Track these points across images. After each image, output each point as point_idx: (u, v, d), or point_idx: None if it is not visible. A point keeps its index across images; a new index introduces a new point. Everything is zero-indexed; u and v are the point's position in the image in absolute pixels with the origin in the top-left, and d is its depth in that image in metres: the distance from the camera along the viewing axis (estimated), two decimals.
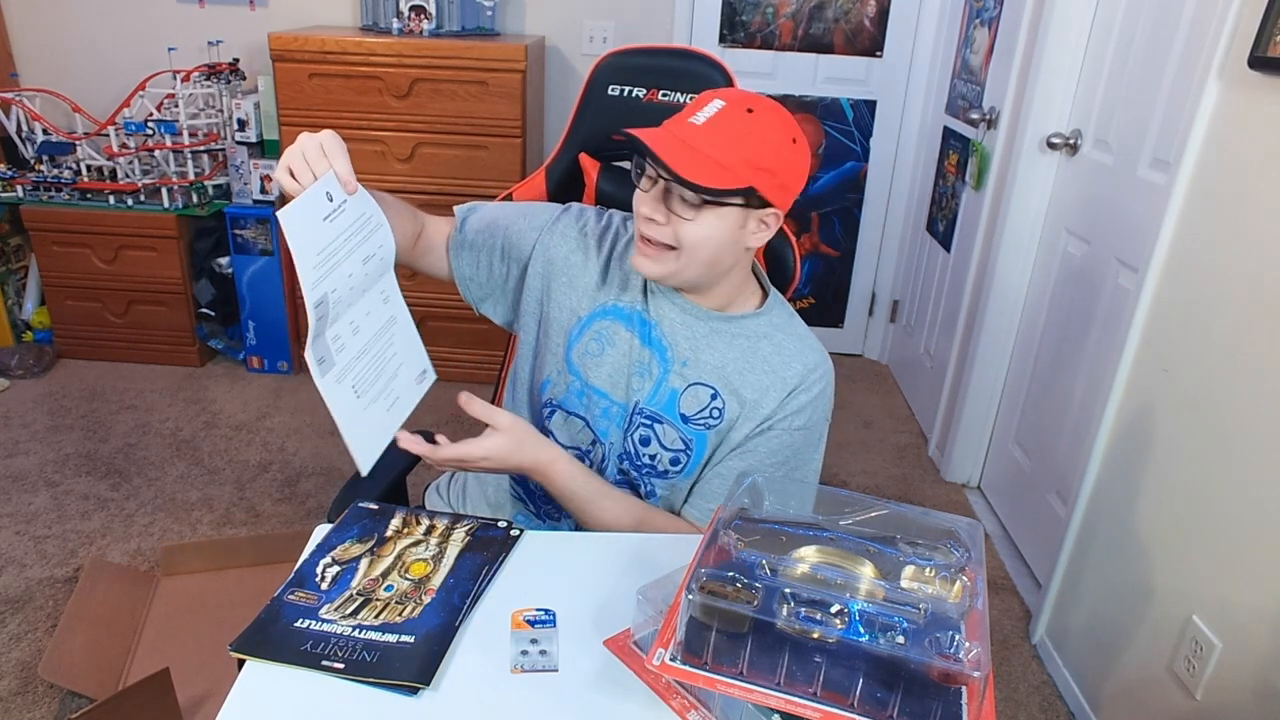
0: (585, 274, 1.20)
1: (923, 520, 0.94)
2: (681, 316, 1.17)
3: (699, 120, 1.03)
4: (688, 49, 1.45)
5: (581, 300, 1.20)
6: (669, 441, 1.17)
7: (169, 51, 2.95)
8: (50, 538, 2.20)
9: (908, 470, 2.77)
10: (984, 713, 0.76)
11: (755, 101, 1.06)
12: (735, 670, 0.79)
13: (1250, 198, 1.44)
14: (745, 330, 1.17)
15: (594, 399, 1.19)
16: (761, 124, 1.04)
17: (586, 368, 1.19)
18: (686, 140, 1.02)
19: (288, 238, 0.86)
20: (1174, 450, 1.59)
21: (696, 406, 1.16)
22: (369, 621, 0.94)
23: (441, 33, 2.89)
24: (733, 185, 1.02)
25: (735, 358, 1.16)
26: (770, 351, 1.16)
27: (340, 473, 2.54)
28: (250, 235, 2.96)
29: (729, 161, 1.01)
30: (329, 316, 0.93)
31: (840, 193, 3.35)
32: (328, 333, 0.93)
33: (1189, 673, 1.48)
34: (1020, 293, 2.42)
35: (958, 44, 2.91)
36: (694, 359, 1.16)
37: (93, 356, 3.13)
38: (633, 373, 1.17)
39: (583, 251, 1.21)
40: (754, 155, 1.03)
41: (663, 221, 1.05)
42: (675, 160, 1.00)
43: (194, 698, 1.67)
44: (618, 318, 1.18)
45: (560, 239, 1.22)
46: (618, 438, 1.19)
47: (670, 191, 1.04)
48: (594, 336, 1.18)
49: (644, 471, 1.19)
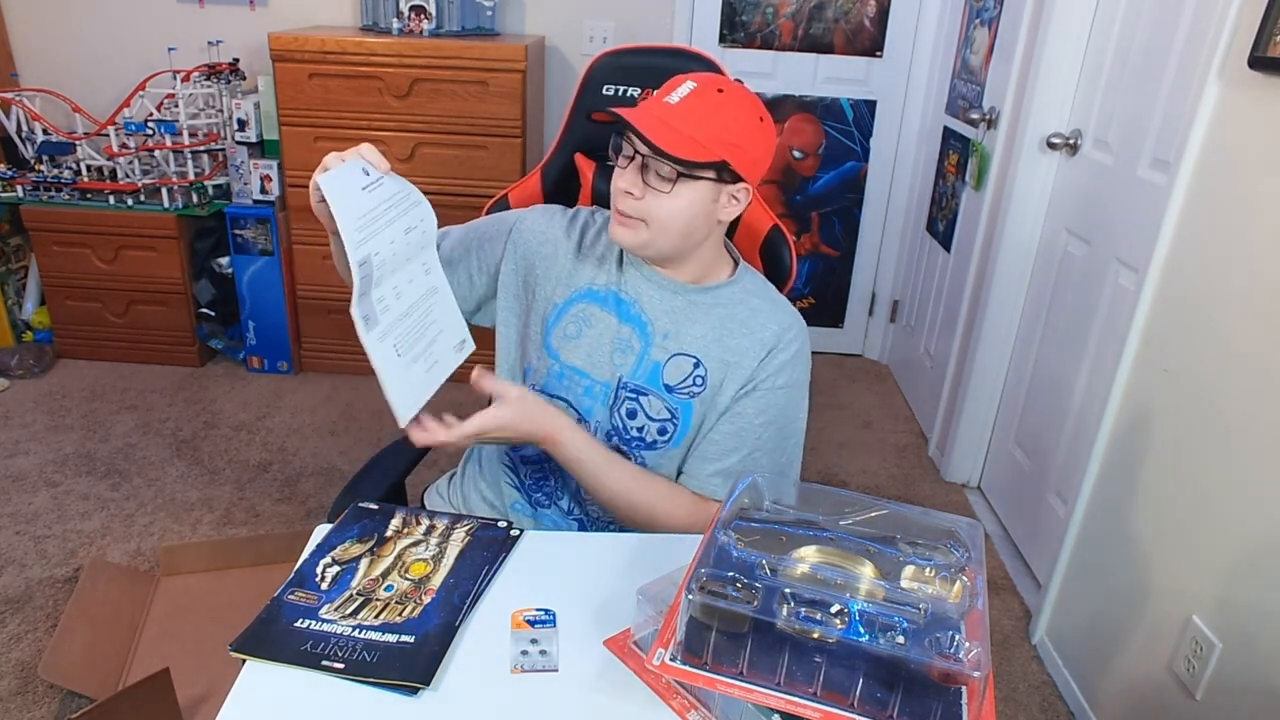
0: (558, 261, 1.24)
1: (923, 520, 0.94)
2: (658, 292, 1.21)
3: (674, 100, 1.10)
4: (682, 48, 1.45)
5: (557, 287, 1.24)
6: (655, 412, 1.20)
7: (169, 51, 2.95)
8: (50, 538, 2.20)
9: (908, 470, 2.77)
10: (984, 713, 0.77)
11: (724, 83, 1.13)
12: (735, 670, 0.79)
13: (1250, 197, 1.44)
14: (720, 299, 1.21)
15: (575, 379, 1.22)
16: (732, 103, 1.11)
17: (564, 350, 1.22)
18: (663, 118, 1.08)
19: (329, 199, 0.92)
20: (1174, 450, 1.59)
21: (680, 376, 1.19)
22: (369, 621, 0.94)
23: (441, 33, 2.89)
24: (706, 159, 1.08)
25: (714, 326, 1.20)
26: (746, 315, 1.21)
27: (340, 473, 2.54)
28: (250, 235, 2.96)
29: (702, 137, 1.08)
30: (373, 277, 0.98)
31: (840, 193, 3.35)
32: (373, 293, 0.98)
33: (1189, 673, 1.48)
34: (1020, 293, 2.42)
35: (958, 44, 2.91)
36: (675, 332, 1.20)
37: (93, 356, 3.13)
38: (614, 350, 1.20)
39: (552, 241, 1.26)
40: (725, 132, 1.09)
41: (639, 195, 1.11)
42: (655, 135, 1.06)
43: (194, 698, 1.67)
44: (593, 300, 1.22)
45: (529, 233, 1.26)
46: (604, 415, 1.22)
47: (647, 167, 1.10)
48: (571, 320, 1.22)
49: (633, 444, 1.22)
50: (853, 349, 3.61)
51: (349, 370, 3.13)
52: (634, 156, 1.11)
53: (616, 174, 1.13)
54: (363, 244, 0.95)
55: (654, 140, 1.05)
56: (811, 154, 3.28)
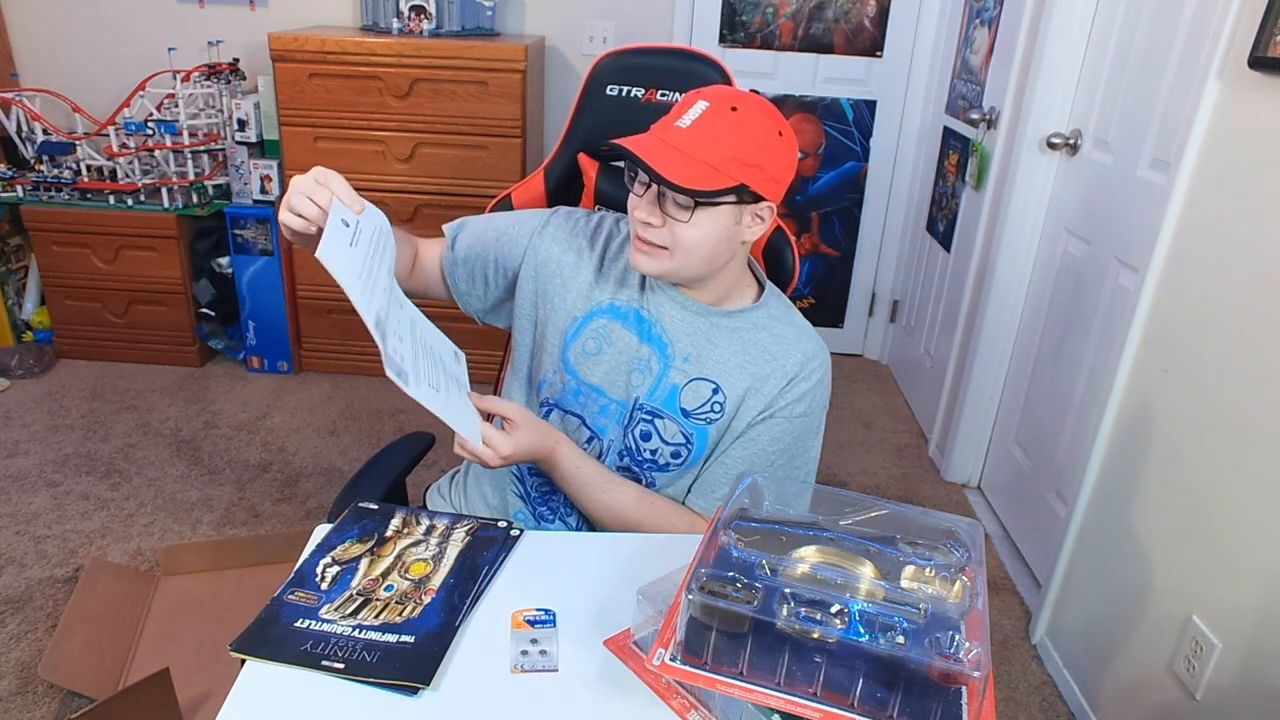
0: (579, 274, 1.21)
1: (923, 520, 0.94)
2: (681, 313, 1.18)
3: (685, 123, 1.05)
4: (685, 49, 1.45)
5: (577, 300, 1.20)
6: (670, 436, 1.18)
7: (169, 51, 2.95)
8: (50, 538, 2.20)
9: (908, 470, 2.77)
10: (984, 713, 0.76)
11: (739, 99, 1.07)
12: (735, 670, 0.79)
13: (1250, 198, 1.44)
14: (744, 324, 1.18)
15: (591, 397, 1.20)
16: (747, 121, 1.06)
17: (583, 367, 1.19)
18: (675, 145, 1.04)
19: (334, 275, 0.88)
20: (1174, 450, 1.59)
21: (698, 401, 1.17)
22: (369, 621, 0.94)
23: (441, 33, 2.89)
24: (723, 185, 1.04)
25: (737, 351, 1.17)
26: (770, 341, 1.18)
27: (340, 473, 2.54)
28: (250, 235, 2.96)
29: (717, 161, 1.03)
30: (386, 329, 0.95)
31: (840, 193, 3.35)
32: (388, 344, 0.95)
33: (1189, 673, 1.48)
34: (1020, 293, 2.42)
35: (958, 44, 2.91)
36: (695, 355, 1.17)
37: (93, 356, 3.13)
38: (632, 370, 1.18)
39: (575, 252, 1.22)
40: (741, 152, 1.04)
41: (659, 224, 1.07)
42: (665, 167, 1.01)
43: (194, 698, 1.67)
44: (615, 316, 1.19)
45: (551, 241, 1.23)
46: (617, 434, 1.20)
47: (664, 195, 1.06)
48: (591, 335, 1.19)
49: (645, 466, 1.20)
50: (853, 349, 3.61)
51: (349, 370, 3.13)
52: (649, 184, 1.07)
53: (633, 201, 1.10)
54: (370, 304, 0.93)
55: (665, 174, 1.01)
56: (811, 154, 3.28)
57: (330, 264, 0.88)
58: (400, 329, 1.01)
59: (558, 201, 1.40)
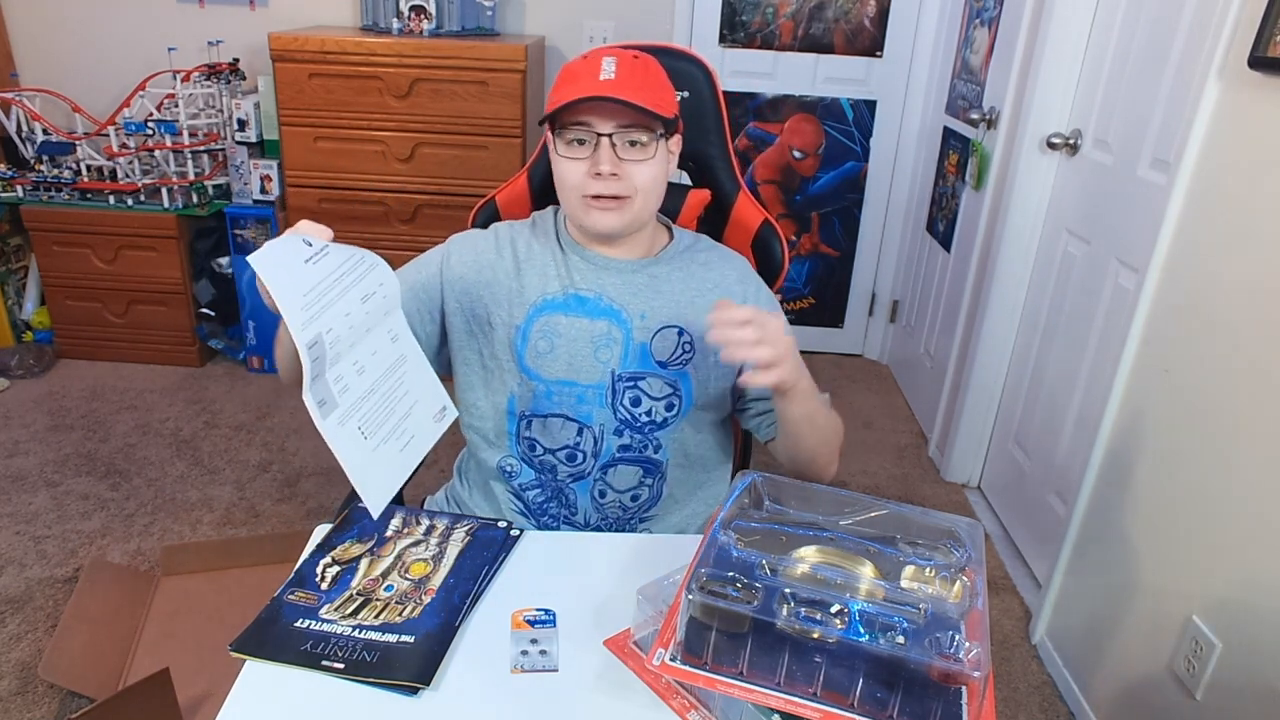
0: (501, 285, 1.21)
1: (923, 520, 0.94)
2: (617, 277, 1.21)
3: (609, 75, 1.11)
4: (669, 47, 1.43)
5: (513, 310, 1.20)
6: (657, 391, 1.20)
7: (169, 51, 2.95)
8: (50, 538, 2.20)
9: (908, 470, 2.77)
10: (984, 713, 0.77)
11: (635, 51, 1.17)
12: (735, 670, 0.79)
13: (1250, 198, 1.44)
14: (675, 262, 1.24)
15: (564, 392, 1.20)
16: (650, 65, 1.16)
17: (543, 367, 1.20)
18: (616, 91, 1.10)
19: (263, 277, 0.82)
20: (1174, 450, 1.59)
21: (669, 350, 1.20)
22: (369, 621, 0.94)
23: (441, 33, 2.89)
24: (672, 115, 1.15)
25: (680, 290, 1.22)
26: (701, 269, 1.24)
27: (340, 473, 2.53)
28: (250, 235, 2.96)
29: (650, 100, 1.11)
30: (326, 357, 0.88)
31: (840, 193, 3.35)
32: (328, 374, 0.89)
33: (1189, 673, 1.48)
34: (1020, 293, 2.42)
35: (958, 44, 2.91)
36: (649, 308, 1.20)
37: (93, 356, 3.13)
38: (597, 348, 1.20)
39: (489, 268, 1.22)
40: (663, 89, 1.16)
41: (620, 174, 1.12)
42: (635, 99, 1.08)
43: (194, 698, 1.67)
44: (553, 309, 1.20)
45: (460, 267, 1.22)
46: (605, 415, 1.20)
47: (615, 145, 1.11)
48: (540, 335, 1.20)
49: (646, 429, 1.21)
50: (853, 349, 3.61)
51: None
52: (595, 140, 1.11)
53: (572, 166, 1.13)
54: (311, 322, 0.85)
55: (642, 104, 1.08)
56: (811, 154, 3.28)
57: (261, 269, 0.83)
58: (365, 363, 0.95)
59: (543, 201, 1.39)
